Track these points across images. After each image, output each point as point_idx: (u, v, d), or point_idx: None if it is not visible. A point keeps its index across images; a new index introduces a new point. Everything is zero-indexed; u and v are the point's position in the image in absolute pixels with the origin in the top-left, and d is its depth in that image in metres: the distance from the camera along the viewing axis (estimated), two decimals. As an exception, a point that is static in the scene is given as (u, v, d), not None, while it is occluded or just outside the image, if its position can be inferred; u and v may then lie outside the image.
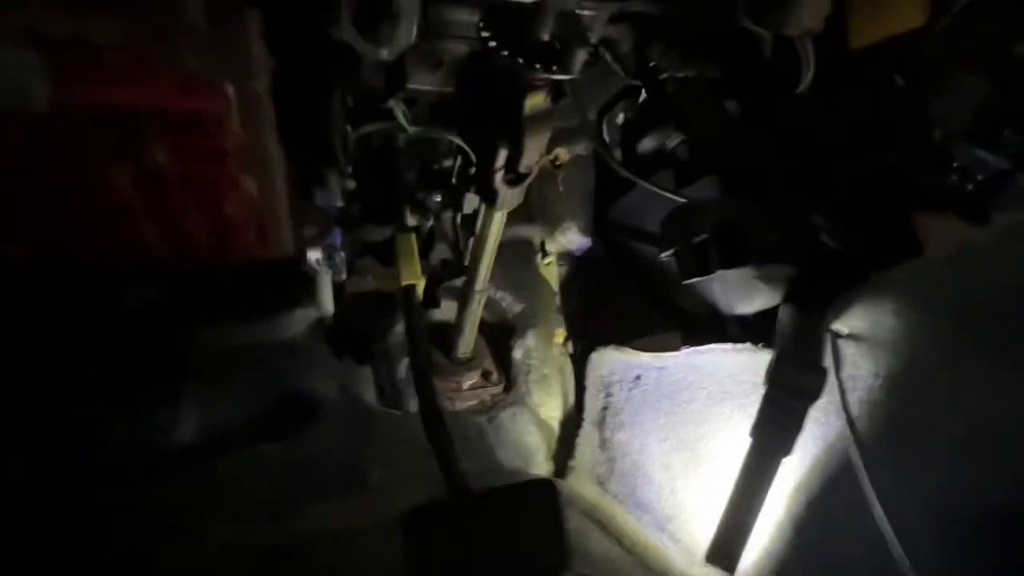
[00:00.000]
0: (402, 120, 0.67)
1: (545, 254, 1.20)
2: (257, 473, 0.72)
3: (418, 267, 0.77)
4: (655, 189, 0.87)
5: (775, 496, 0.70)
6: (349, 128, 0.68)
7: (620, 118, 1.05)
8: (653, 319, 1.02)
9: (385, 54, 0.48)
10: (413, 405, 0.94)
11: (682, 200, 0.87)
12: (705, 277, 0.67)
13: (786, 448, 0.67)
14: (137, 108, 0.27)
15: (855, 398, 0.68)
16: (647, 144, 1.07)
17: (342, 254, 0.65)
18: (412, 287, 0.75)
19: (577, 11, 0.48)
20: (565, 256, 1.21)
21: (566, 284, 1.20)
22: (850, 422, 0.66)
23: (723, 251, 0.63)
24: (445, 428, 0.64)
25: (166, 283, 0.68)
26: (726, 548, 0.68)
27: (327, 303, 0.73)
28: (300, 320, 0.80)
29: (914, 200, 0.64)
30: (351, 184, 0.71)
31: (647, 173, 1.06)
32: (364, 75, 0.63)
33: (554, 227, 1.20)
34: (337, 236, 0.61)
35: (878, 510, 0.57)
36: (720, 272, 0.74)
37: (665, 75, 0.74)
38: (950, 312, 0.60)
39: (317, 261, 0.61)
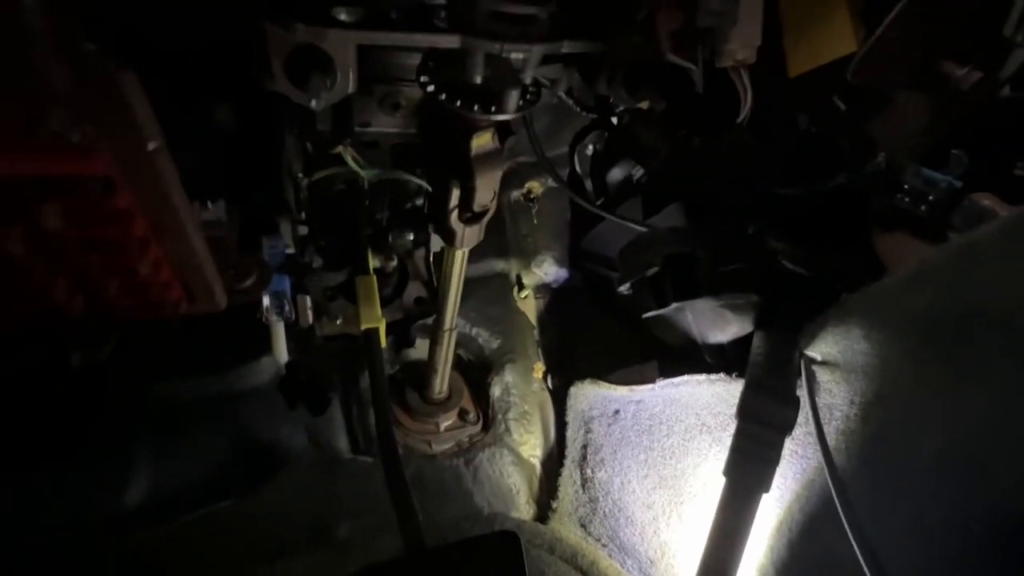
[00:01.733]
0: (353, 165, 0.67)
1: (522, 288, 1.19)
2: (213, 533, 0.69)
3: (378, 310, 0.76)
4: (618, 220, 0.87)
5: (756, 536, 0.66)
6: (301, 175, 0.68)
7: (590, 149, 1.06)
8: (631, 350, 1.00)
9: (314, 104, 0.48)
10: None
11: (645, 229, 0.87)
12: (664, 311, 0.65)
13: (763, 484, 0.63)
14: (17, 177, 0.27)
15: (832, 428, 0.66)
16: (616, 174, 1.08)
17: (297, 300, 0.64)
18: (374, 331, 0.74)
19: (504, 55, 0.48)
20: (542, 289, 1.20)
21: (544, 317, 1.18)
22: (826, 454, 0.63)
23: (677, 283, 0.62)
24: (403, 479, 0.61)
25: (116, 337, 0.67)
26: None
27: (281, 353, 0.72)
28: (260, 370, 0.78)
29: (869, 220, 0.63)
30: (303, 230, 0.71)
31: (616, 203, 1.06)
32: (315, 121, 0.64)
33: (529, 260, 1.19)
34: (284, 283, 0.60)
35: (857, 550, 0.54)
36: (687, 303, 0.72)
37: (620, 108, 0.74)
38: (916, 333, 0.58)
39: (266, 310, 0.60)
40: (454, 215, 0.69)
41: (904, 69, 0.47)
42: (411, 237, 0.94)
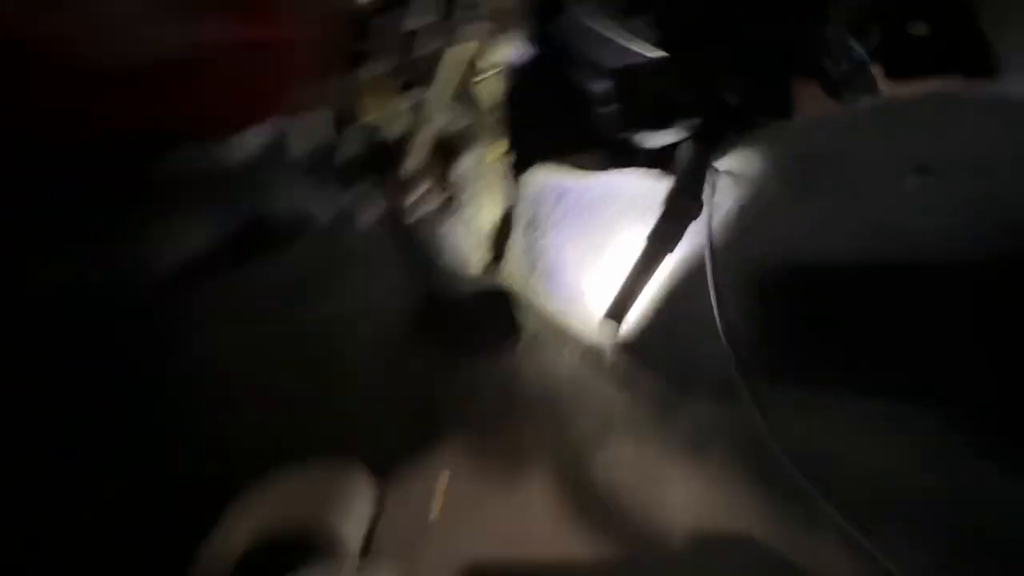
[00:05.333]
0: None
1: (481, 70, 1.21)
2: (257, 282, 0.85)
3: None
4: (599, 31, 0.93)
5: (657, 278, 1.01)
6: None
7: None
8: (580, 137, 1.16)
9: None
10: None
11: (624, 39, 0.95)
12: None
13: (672, 247, 0.95)
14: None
15: (717, 220, 0.96)
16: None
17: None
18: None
19: None
20: (501, 67, 1.24)
21: (505, 95, 1.24)
22: (709, 236, 0.95)
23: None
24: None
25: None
26: (618, 308, 1.01)
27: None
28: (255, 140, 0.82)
29: (796, 70, 0.82)
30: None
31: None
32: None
33: (491, 34, 1.19)
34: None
35: (715, 308, 0.89)
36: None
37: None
38: (793, 160, 0.86)
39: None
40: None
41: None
42: None
